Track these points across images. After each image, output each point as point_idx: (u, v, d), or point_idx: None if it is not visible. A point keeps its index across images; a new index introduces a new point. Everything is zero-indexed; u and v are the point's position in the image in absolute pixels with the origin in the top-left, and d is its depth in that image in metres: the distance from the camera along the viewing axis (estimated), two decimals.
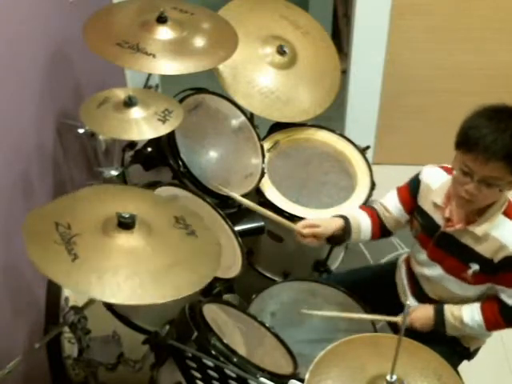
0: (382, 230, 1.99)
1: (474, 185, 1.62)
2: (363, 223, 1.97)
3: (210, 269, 1.45)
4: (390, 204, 1.97)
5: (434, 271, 1.86)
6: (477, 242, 1.74)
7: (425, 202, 1.86)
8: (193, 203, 1.89)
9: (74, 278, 1.29)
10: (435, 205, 1.81)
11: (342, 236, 1.94)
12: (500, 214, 1.71)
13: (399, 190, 1.97)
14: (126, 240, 1.38)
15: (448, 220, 1.78)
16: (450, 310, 1.83)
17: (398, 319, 1.85)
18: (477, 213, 1.72)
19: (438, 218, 1.82)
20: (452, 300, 1.85)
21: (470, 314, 1.80)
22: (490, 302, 1.80)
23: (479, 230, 1.72)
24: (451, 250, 1.80)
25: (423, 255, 1.88)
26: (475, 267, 1.75)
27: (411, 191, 1.91)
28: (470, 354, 1.96)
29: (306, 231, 1.92)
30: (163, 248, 1.42)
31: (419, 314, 1.86)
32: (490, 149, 1.57)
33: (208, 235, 1.55)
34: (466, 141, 1.62)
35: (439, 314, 1.83)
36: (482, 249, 1.73)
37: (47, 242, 1.33)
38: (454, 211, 1.77)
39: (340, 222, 1.93)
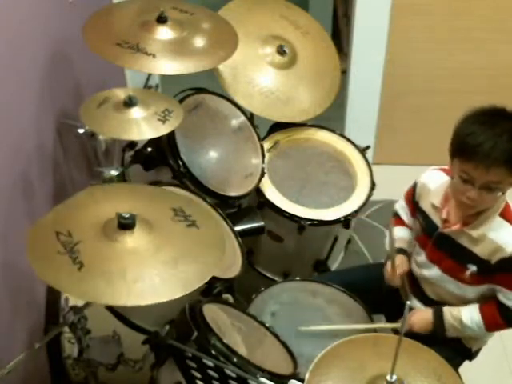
0: None
1: (476, 191, 1.63)
2: (407, 238, 2.01)
3: (215, 257, 1.44)
4: (402, 214, 2.02)
5: (432, 272, 1.86)
6: (473, 243, 1.74)
7: (424, 203, 1.87)
8: None
9: (83, 287, 1.29)
10: (433, 206, 1.82)
11: None
12: (497, 215, 1.72)
13: (406, 193, 2.00)
14: (128, 241, 1.38)
15: (445, 221, 1.79)
16: (449, 312, 1.83)
17: (397, 325, 1.84)
18: (474, 214, 1.73)
19: (436, 219, 1.82)
20: (452, 300, 1.85)
21: (469, 315, 1.80)
22: (488, 302, 1.80)
23: (475, 232, 1.72)
24: (449, 250, 1.80)
25: (422, 257, 1.89)
26: (473, 268, 1.76)
27: (412, 194, 1.94)
28: (471, 355, 1.96)
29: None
30: (166, 244, 1.41)
31: (418, 317, 1.86)
32: (491, 156, 1.57)
33: (208, 223, 1.54)
34: (464, 149, 1.62)
35: (438, 316, 1.83)
36: (479, 250, 1.73)
37: (51, 254, 1.33)
38: (451, 212, 1.78)
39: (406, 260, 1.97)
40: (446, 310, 1.83)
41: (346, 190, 2.33)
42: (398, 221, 2.04)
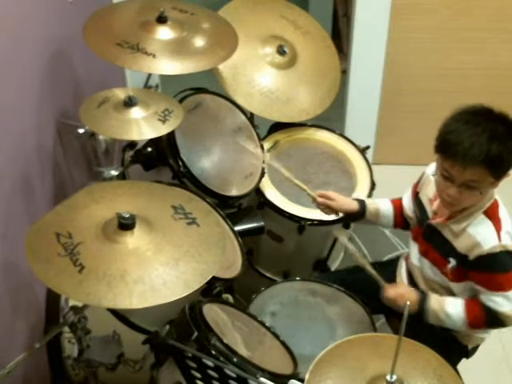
0: (405, 219, 2.01)
1: (455, 189, 1.64)
2: (383, 208, 2.01)
3: (215, 255, 1.44)
4: (405, 202, 2.00)
5: (423, 265, 1.88)
6: (455, 236, 1.76)
7: (423, 195, 1.89)
8: None
9: (84, 290, 1.28)
10: (428, 198, 1.84)
11: (356, 215, 2.00)
12: (480, 213, 1.72)
13: (414, 185, 1.98)
14: (128, 241, 1.38)
15: (435, 213, 1.81)
16: (434, 296, 1.81)
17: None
18: (459, 210, 1.74)
19: (429, 211, 1.85)
20: (444, 295, 1.85)
21: (454, 305, 1.77)
22: (474, 299, 1.79)
23: (457, 226, 1.74)
24: (435, 243, 1.82)
25: (415, 249, 1.90)
26: (453, 262, 1.77)
27: (417, 184, 1.95)
28: (468, 352, 1.96)
29: (320, 200, 2.00)
30: (166, 244, 1.41)
31: (403, 291, 1.82)
32: (468, 154, 1.58)
33: (209, 220, 1.53)
34: (445, 146, 1.64)
35: (423, 298, 1.79)
36: (458, 244, 1.75)
37: (51, 256, 1.33)
38: (440, 205, 1.79)
39: (355, 206, 2.00)
40: (432, 294, 1.81)
41: (346, 190, 2.33)
42: (392, 199, 2.04)
